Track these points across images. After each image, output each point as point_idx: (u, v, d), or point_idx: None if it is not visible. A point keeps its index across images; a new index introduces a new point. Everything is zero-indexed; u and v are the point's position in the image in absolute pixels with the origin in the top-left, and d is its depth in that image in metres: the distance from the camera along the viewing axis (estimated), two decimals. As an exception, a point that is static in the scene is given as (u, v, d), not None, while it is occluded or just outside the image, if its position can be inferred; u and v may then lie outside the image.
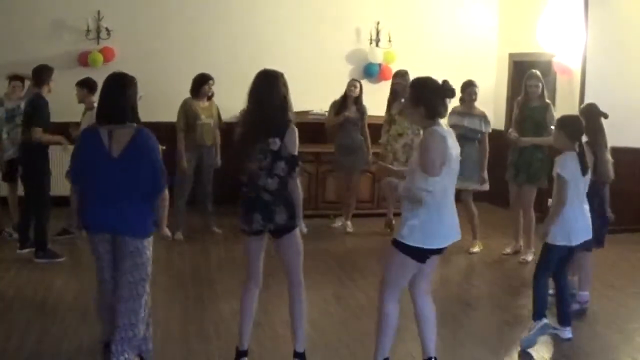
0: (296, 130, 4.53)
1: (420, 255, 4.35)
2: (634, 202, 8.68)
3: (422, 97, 4.33)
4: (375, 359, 4.58)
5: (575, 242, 5.27)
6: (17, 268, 6.86)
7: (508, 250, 8.05)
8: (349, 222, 9.01)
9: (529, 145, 7.57)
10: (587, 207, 5.35)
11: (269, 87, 4.49)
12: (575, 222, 5.22)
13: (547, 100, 7.70)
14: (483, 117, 7.98)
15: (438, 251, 4.43)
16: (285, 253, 4.67)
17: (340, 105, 8.82)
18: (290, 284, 4.75)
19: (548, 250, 5.33)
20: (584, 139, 5.53)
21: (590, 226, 5.35)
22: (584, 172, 5.22)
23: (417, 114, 4.36)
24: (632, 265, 7.61)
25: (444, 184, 4.26)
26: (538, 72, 7.73)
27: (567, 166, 5.18)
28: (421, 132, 4.49)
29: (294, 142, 4.50)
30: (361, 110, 8.80)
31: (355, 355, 5.18)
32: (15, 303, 5.98)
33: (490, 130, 8.04)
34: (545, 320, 5.34)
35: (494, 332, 5.80)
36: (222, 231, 8.46)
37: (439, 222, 4.30)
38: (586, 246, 5.53)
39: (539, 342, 5.41)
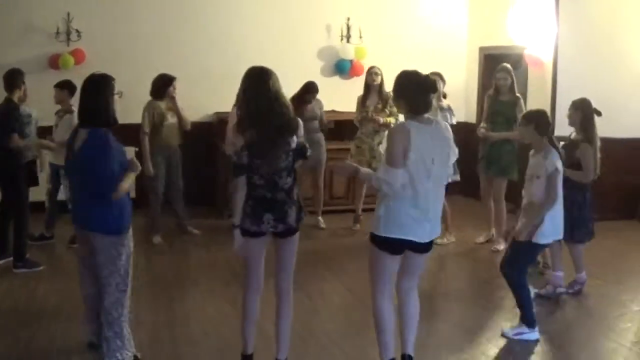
0: (302, 123, 4.55)
1: (390, 246, 4.32)
2: (609, 193, 8.77)
3: (402, 91, 4.36)
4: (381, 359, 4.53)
5: (552, 240, 5.33)
6: (-3, 277, 6.77)
7: (481, 239, 8.18)
8: (320, 218, 9.01)
9: (498, 138, 7.72)
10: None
11: (273, 85, 4.39)
12: (561, 216, 5.27)
13: (517, 94, 7.81)
14: (449, 109, 7.95)
15: (414, 247, 4.36)
16: (285, 256, 4.59)
17: (298, 106, 8.71)
18: (281, 290, 4.65)
19: (532, 249, 5.30)
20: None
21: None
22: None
23: (400, 107, 4.44)
24: (610, 253, 7.71)
25: (409, 177, 4.21)
26: (508, 66, 7.87)
27: (558, 161, 5.18)
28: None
29: (302, 135, 4.54)
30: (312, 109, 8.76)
31: (346, 351, 5.19)
32: (-2, 312, 5.90)
33: (454, 122, 7.89)
34: (536, 335, 5.33)
35: (475, 322, 5.86)
36: (200, 232, 8.41)
37: (405, 214, 4.26)
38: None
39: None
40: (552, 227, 5.21)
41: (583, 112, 6.18)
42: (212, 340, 5.34)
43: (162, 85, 8.02)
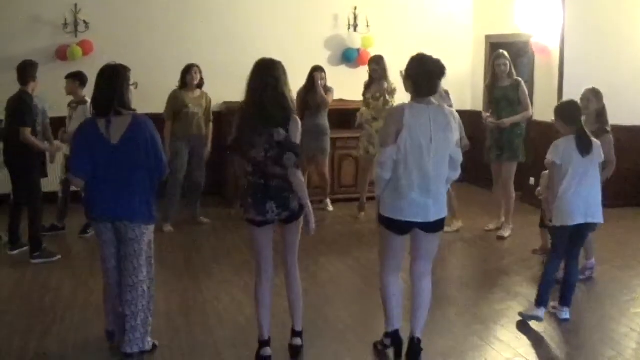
0: (299, 121, 4.58)
1: (393, 225, 4.49)
2: (616, 181, 8.78)
3: (411, 72, 4.49)
4: (385, 330, 4.79)
5: (571, 222, 5.32)
6: (9, 268, 6.78)
7: (491, 226, 8.21)
8: (328, 201, 9.23)
9: (509, 123, 7.76)
10: (589, 189, 5.34)
11: (268, 77, 4.48)
12: (571, 204, 5.29)
13: (517, 78, 7.88)
14: (443, 94, 7.95)
15: (420, 226, 4.47)
16: (290, 237, 4.72)
17: (305, 95, 8.77)
18: (288, 267, 4.81)
19: (553, 234, 5.49)
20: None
21: (594, 208, 5.37)
22: (582, 153, 5.25)
23: (407, 88, 4.55)
24: (619, 240, 7.75)
25: (403, 156, 4.35)
26: (505, 52, 7.90)
27: (557, 151, 5.28)
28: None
29: (297, 134, 4.54)
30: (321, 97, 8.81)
31: (360, 335, 5.25)
32: (12, 304, 5.91)
33: (451, 105, 7.96)
34: (541, 313, 5.40)
35: (487, 308, 5.91)
36: (210, 221, 8.45)
37: (401, 195, 4.41)
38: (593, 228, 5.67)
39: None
40: (560, 211, 5.34)
41: (600, 102, 6.25)
42: (227, 328, 5.38)
43: (183, 74, 8.16)
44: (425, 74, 4.44)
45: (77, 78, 7.57)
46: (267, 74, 4.50)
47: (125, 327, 4.67)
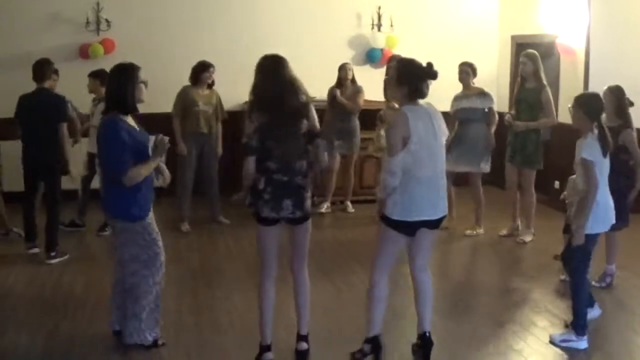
0: (312, 106, 4.63)
1: (403, 227, 4.50)
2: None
3: (406, 76, 4.49)
4: (366, 335, 4.71)
5: (609, 226, 5.14)
6: (24, 264, 6.81)
7: (504, 231, 8.03)
8: (348, 203, 9.20)
9: (524, 128, 7.58)
10: (609, 191, 5.13)
11: (284, 71, 4.48)
12: (607, 206, 5.07)
13: (543, 82, 7.59)
14: (481, 94, 7.92)
15: (425, 224, 4.52)
16: (300, 239, 4.69)
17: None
18: (297, 270, 4.77)
19: (588, 242, 5.02)
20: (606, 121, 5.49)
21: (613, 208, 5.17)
22: (604, 153, 5.00)
23: (399, 92, 4.54)
24: (638, 246, 7.50)
25: (412, 162, 4.36)
26: (531, 51, 7.68)
27: (593, 148, 4.96)
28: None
29: (316, 118, 4.61)
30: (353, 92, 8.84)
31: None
32: (23, 300, 5.94)
33: (492, 105, 7.98)
34: (585, 344, 5.06)
35: (501, 315, 5.77)
36: (229, 221, 8.41)
37: (420, 196, 4.43)
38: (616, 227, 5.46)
39: (552, 322, 5.50)
40: (597, 216, 4.98)
41: (617, 99, 6.05)
42: (236, 329, 5.35)
43: (198, 71, 8.09)
44: (422, 76, 4.47)
45: (99, 76, 7.62)
46: (282, 68, 4.49)
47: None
